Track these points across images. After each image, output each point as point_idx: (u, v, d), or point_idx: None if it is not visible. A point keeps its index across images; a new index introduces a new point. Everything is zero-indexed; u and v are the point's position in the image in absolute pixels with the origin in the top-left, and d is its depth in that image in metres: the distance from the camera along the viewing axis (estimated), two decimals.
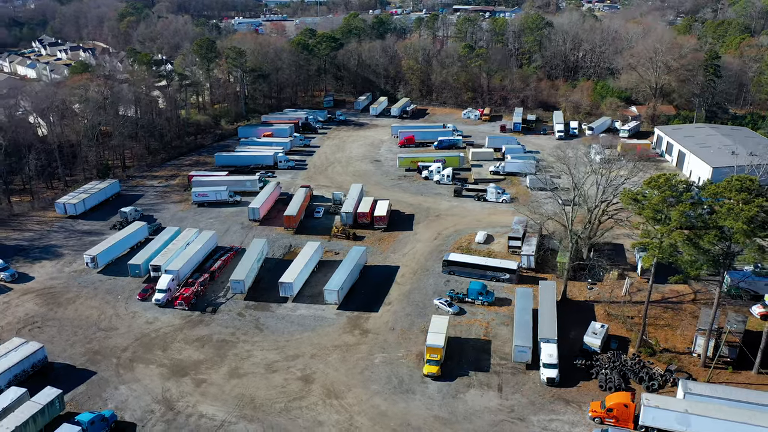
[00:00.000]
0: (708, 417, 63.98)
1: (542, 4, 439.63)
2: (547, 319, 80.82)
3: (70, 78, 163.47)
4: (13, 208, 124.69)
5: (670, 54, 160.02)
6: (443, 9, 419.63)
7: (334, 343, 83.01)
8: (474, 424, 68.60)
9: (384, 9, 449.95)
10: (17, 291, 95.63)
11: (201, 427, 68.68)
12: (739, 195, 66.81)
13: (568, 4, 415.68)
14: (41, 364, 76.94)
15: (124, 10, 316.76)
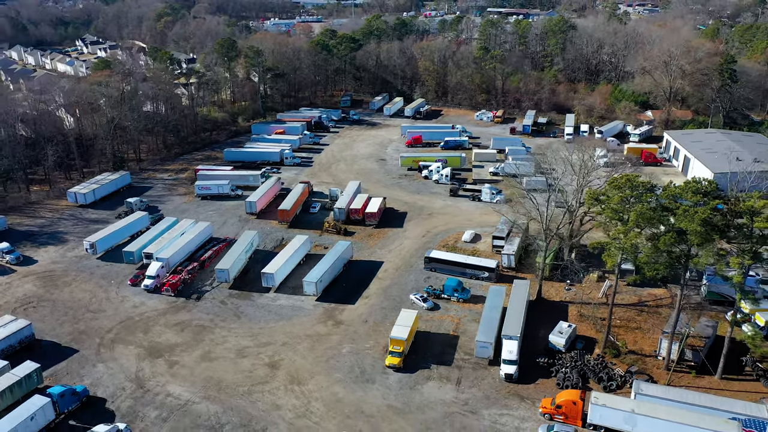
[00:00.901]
0: (653, 417, 64.16)
1: (578, 8, 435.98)
2: (513, 317, 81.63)
3: (92, 74, 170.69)
4: (30, 196, 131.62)
5: (685, 58, 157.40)
6: (478, 12, 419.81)
7: (306, 333, 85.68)
8: (426, 414, 70.25)
9: (419, 11, 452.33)
10: (20, 273, 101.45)
11: (166, 405, 72.22)
12: (695, 197, 66.65)
13: (604, 6, 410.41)
14: (28, 340, 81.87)
15: (162, 11, 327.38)
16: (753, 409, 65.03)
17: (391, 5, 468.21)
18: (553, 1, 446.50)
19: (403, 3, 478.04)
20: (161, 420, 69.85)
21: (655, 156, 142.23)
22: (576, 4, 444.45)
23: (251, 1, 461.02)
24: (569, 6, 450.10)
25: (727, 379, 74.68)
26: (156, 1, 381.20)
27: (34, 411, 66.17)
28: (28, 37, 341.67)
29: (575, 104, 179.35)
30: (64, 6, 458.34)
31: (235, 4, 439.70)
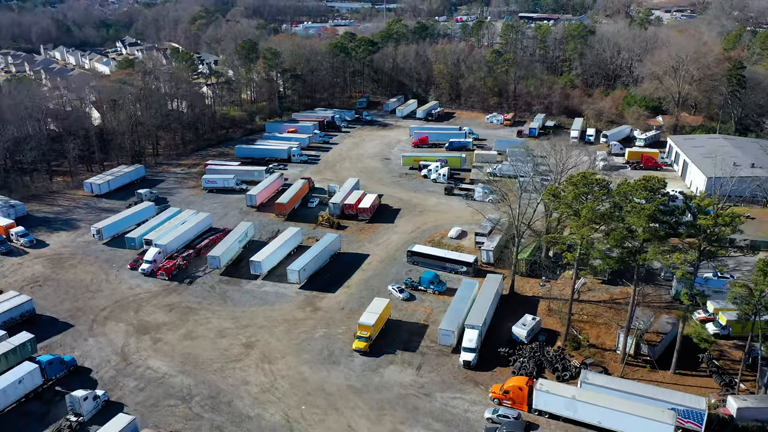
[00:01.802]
0: (592, 404, 66.86)
1: (611, 12, 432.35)
2: (477, 309, 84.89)
3: (115, 71, 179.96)
4: (52, 186, 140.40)
5: (694, 63, 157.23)
6: (508, 17, 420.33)
7: (284, 317, 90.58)
8: (381, 395, 74.24)
9: (451, 15, 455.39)
10: (32, 255, 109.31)
11: (144, 377, 78.00)
12: (643, 194, 69.03)
13: (637, 12, 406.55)
14: (29, 314, 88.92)
15: (196, 14, 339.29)
16: (692, 400, 66.98)
17: (424, 9, 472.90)
18: (586, 6, 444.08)
19: (436, 8, 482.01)
20: (138, 390, 75.60)
21: (655, 160, 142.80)
22: (609, 9, 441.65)
23: (287, 5, 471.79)
24: (603, 11, 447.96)
25: (681, 374, 76.53)
26: (194, 5, 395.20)
27: (22, 375, 72.69)
28: (72, 39, 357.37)
29: (585, 108, 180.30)
30: (109, 9, 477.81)
31: (270, 8, 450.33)
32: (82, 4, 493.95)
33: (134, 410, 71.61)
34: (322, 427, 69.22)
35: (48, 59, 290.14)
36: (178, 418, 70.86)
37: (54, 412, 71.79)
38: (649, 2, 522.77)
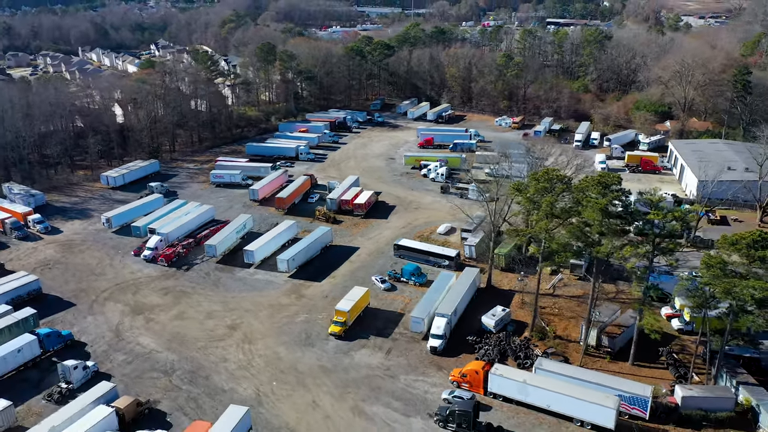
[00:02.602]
0: (542, 388, 70.24)
1: (641, 19, 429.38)
2: (449, 299, 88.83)
3: (136, 71, 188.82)
4: (72, 179, 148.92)
5: (699, 69, 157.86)
6: (536, 22, 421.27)
7: (270, 303, 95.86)
8: (349, 375, 78.78)
9: (479, 21, 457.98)
10: (46, 240, 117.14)
11: (133, 352, 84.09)
12: (597, 188, 72.17)
13: (667, 18, 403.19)
14: (35, 293, 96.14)
15: (226, 18, 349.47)
16: (638, 388, 69.75)
17: (452, 14, 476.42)
18: (614, 12, 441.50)
19: (464, 13, 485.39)
20: (126, 363, 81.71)
21: (653, 164, 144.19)
22: (639, 15, 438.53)
23: (317, 10, 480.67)
24: (633, 16, 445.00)
25: (639, 365, 79.14)
26: (227, 9, 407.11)
27: (21, 345, 79.46)
28: (109, 41, 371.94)
29: (593, 112, 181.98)
30: (147, 13, 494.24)
31: (301, 13, 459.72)
32: (122, 8, 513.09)
33: (120, 381, 77.66)
34: (288, 402, 74.11)
35: (83, 60, 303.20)
36: (159, 389, 76.56)
37: (48, 380, 78.27)
38: (683, 8, 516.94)
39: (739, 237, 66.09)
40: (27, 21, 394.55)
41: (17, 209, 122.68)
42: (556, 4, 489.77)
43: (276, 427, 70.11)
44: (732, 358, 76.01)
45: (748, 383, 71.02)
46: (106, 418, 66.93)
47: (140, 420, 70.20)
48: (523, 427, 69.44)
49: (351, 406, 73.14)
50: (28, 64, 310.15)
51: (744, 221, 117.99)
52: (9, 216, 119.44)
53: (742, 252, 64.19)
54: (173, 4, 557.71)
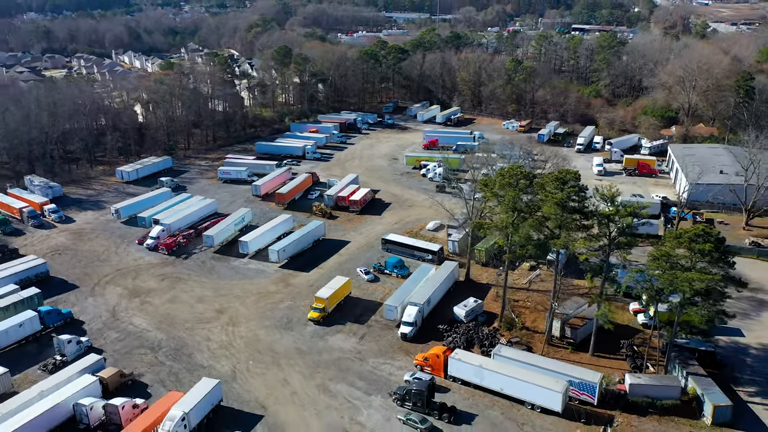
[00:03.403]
0: (496, 372, 73.99)
1: (669, 26, 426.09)
2: (423, 289, 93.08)
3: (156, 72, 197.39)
4: (90, 173, 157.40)
5: (702, 75, 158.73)
6: (562, 28, 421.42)
7: (258, 290, 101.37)
8: (321, 356, 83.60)
9: (504, 27, 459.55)
10: (59, 229, 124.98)
11: (125, 330, 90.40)
12: (554, 184, 75.69)
13: (695, 24, 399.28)
14: (43, 275, 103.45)
15: (253, 22, 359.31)
16: (588, 375, 72.98)
17: (479, 20, 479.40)
18: (642, 18, 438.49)
19: (491, 19, 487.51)
20: (118, 340, 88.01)
21: (650, 168, 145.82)
22: (667, 22, 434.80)
23: (344, 15, 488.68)
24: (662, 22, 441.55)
25: (599, 356, 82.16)
26: (256, 14, 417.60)
27: (23, 320, 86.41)
28: (142, 45, 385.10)
29: (598, 117, 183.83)
30: (181, 18, 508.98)
31: (328, 18, 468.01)
32: (157, 13, 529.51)
33: (110, 355, 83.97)
34: (260, 379, 79.29)
35: (113, 62, 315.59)
36: (144, 364, 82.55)
37: (46, 353, 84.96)
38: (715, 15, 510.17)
39: (683, 231, 68.87)
40: (65, 25, 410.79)
41: (35, 199, 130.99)
42: (584, 10, 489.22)
43: (245, 401, 75.32)
44: (688, 350, 78.55)
45: (697, 374, 73.52)
46: (91, 385, 73.03)
47: (123, 389, 76.12)
48: (476, 408, 73.24)
49: (318, 384, 77.92)
50: (64, 65, 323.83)
51: (730, 224, 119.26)
52: (26, 205, 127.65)
53: (684, 245, 66.92)
54: (207, 9, 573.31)
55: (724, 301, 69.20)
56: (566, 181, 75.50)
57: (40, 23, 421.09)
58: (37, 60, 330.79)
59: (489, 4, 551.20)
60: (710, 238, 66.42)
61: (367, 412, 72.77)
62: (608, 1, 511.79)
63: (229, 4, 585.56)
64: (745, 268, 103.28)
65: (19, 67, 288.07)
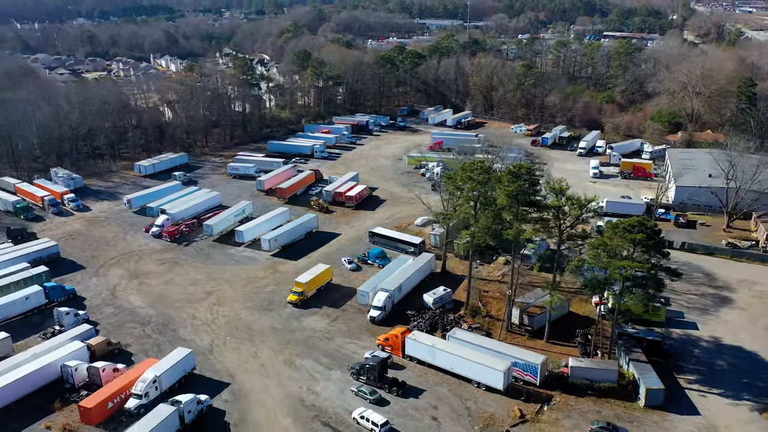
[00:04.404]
0: (447, 352, 79.06)
1: (702, 33, 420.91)
2: (394, 277, 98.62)
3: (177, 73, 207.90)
4: (112, 167, 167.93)
5: (704, 81, 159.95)
6: (593, 36, 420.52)
7: (247, 275, 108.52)
8: (293, 335, 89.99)
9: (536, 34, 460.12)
10: (76, 216, 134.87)
11: (121, 306, 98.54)
12: (508, 177, 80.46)
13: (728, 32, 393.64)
14: (54, 256, 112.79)
15: (284, 28, 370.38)
16: (532, 357, 77.47)
17: (510, 27, 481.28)
18: (674, 25, 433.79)
19: (522, 26, 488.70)
20: (113, 315, 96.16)
21: (645, 171, 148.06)
22: (701, 29, 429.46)
23: (377, 22, 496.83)
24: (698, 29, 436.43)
25: (554, 343, 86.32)
26: (290, 21, 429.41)
27: (29, 294, 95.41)
28: (179, 49, 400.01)
29: (605, 122, 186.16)
30: (220, 23, 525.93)
31: (361, 24, 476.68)
32: (198, 19, 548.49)
33: (104, 327, 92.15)
34: (234, 352, 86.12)
35: (149, 65, 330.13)
36: (133, 336, 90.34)
37: (47, 323, 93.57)
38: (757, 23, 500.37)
39: (620, 222, 72.84)
40: (108, 30, 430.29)
41: (56, 189, 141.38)
42: (618, 18, 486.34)
43: (217, 370, 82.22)
44: (636, 339, 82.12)
45: (638, 360, 77.13)
46: (79, 350, 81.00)
47: (109, 356, 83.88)
48: (426, 385, 78.44)
49: (285, 359, 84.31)
50: (104, 68, 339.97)
51: (711, 225, 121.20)
52: (48, 194, 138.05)
53: (619, 235, 70.91)
54: (246, 15, 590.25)
55: (660, 290, 72.77)
56: (519, 175, 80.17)
57: (86, 28, 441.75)
58: (80, 63, 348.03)
59: (522, 11, 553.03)
60: (644, 229, 70.25)
61: (324, 384, 78.79)
62: (644, 9, 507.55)
63: (267, 11, 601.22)
64: (715, 267, 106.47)
65: (61, 69, 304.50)
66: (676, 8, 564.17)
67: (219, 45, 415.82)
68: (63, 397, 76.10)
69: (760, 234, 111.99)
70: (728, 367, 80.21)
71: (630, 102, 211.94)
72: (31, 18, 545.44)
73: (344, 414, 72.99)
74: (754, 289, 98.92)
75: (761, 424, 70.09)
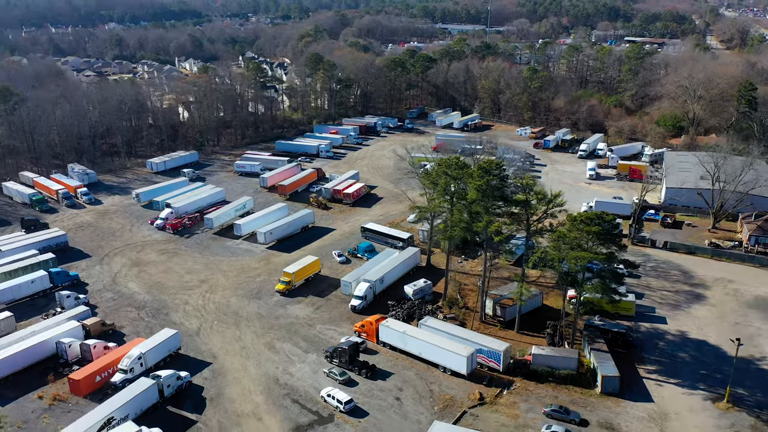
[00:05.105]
0: (416, 338, 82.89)
1: (726, 38, 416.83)
2: (377, 269, 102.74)
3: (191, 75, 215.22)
4: (126, 164, 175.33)
5: (704, 85, 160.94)
6: (613, 41, 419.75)
7: (242, 266, 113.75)
8: (277, 321, 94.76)
9: (557, 39, 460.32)
10: (88, 209, 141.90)
11: (120, 292, 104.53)
12: (478, 172, 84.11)
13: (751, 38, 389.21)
14: (62, 245, 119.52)
15: (305, 32, 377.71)
16: (495, 344, 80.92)
17: (532, 32, 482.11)
18: (697, 31, 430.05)
19: (544, 31, 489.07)
20: (111, 299, 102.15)
21: (641, 173, 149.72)
22: (724, 35, 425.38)
23: (399, 27, 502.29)
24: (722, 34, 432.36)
25: (524, 333, 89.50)
26: (312, 24, 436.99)
27: (34, 278, 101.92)
28: (204, 53, 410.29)
29: (608, 125, 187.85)
30: (246, 28, 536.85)
31: (383, 29, 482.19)
32: (224, 24, 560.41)
33: (102, 311, 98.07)
34: (219, 335, 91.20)
35: (171, 68, 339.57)
36: (127, 319, 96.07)
37: (51, 306, 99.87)
38: None
39: (579, 215, 75.94)
40: (136, 34, 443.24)
41: (71, 183, 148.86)
42: (641, 23, 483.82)
43: (201, 350, 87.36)
44: (602, 331, 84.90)
45: (599, 350, 79.97)
46: (74, 329, 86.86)
47: (103, 336, 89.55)
48: (396, 369, 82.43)
49: (266, 342, 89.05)
50: (129, 71, 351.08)
51: (698, 226, 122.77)
52: (62, 188, 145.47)
53: (577, 227, 74.04)
54: (272, 20, 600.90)
55: (618, 281, 75.71)
56: (489, 170, 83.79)
57: (115, 32, 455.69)
58: (108, 65, 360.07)
59: (545, 16, 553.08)
60: (600, 222, 73.31)
61: (299, 365, 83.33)
62: (669, 14, 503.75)
63: (292, 15, 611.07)
64: (695, 266, 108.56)
65: (88, 71, 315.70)
66: (703, 13, 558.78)
67: (242, 49, 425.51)
68: (57, 371, 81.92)
69: (744, 235, 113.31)
70: (689, 360, 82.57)
71: (639, 106, 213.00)
72: (66, 22, 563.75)
73: (314, 393, 77.38)
74: (728, 287, 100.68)
75: (712, 412, 72.47)
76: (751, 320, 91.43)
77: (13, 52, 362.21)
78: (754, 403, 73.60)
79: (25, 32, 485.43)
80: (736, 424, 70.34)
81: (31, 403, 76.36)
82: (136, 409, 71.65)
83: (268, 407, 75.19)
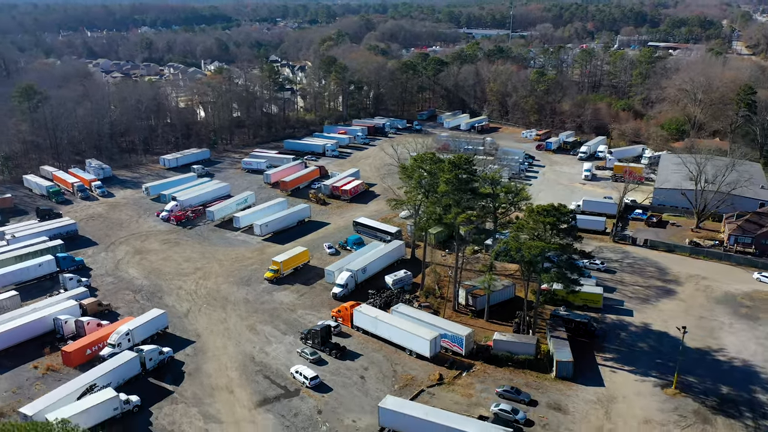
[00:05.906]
0: (385, 323, 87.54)
1: (753, 44, 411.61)
2: (360, 259, 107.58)
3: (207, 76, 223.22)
4: (141, 160, 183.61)
5: (704, 88, 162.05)
6: (635, 45, 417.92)
7: (237, 255, 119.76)
8: (262, 306, 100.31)
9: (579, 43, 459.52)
10: (101, 201, 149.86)
11: (120, 277, 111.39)
12: (449, 166, 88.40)
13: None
14: (72, 233, 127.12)
15: (327, 36, 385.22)
16: (459, 329, 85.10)
17: (556, 37, 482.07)
18: (722, 36, 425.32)
19: (568, 36, 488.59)
20: (111, 283, 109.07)
21: (635, 174, 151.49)
22: (751, 41, 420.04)
23: (423, 31, 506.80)
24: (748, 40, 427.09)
25: (493, 322, 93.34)
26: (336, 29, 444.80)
27: (41, 262, 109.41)
28: (229, 56, 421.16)
29: (611, 128, 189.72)
30: (272, 32, 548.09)
31: (406, 33, 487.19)
32: (251, 28, 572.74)
33: (101, 293, 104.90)
34: (206, 317, 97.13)
35: (196, 70, 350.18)
36: (124, 301, 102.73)
37: (56, 288, 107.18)
38: None
39: (538, 207, 79.67)
40: (165, 37, 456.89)
41: (86, 177, 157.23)
42: (667, 28, 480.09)
43: (188, 330, 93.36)
44: (565, 321, 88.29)
45: (559, 338, 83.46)
46: (71, 307, 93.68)
47: (99, 315, 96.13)
48: (365, 351, 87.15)
49: (248, 324, 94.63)
50: (156, 73, 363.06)
51: (681, 226, 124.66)
52: (78, 181, 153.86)
53: (533, 219, 77.82)
54: (299, 25, 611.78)
55: (574, 271, 79.24)
56: (459, 165, 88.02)
57: (145, 35, 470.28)
58: (136, 68, 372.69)
59: (570, 21, 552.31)
60: (555, 213, 76.98)
61: (275, 346, 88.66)
62: (696, 19, 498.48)
63: (319, 20, 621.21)
64: (672, 263, 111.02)
65: (115, 73, 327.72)
66: (734, 18, 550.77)
67: (267, 52, 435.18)
68: (53, 345, 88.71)
69: (726, 234, 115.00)
70: (648, 349, 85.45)
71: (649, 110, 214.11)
72: (101, 26, 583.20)
73: (285, 370, 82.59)
74: (700, 283, 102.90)
75: (659, 397, 75.43)
76: (716, 315, 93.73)
77: (49, 54, 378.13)
78: (701, 390, 76.34)
79: (62, 36, 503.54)
80: (680, 408, 73.24)
81: (27, 372, 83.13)
82: (118, 378, 77.79)
83: (240, 381, 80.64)
